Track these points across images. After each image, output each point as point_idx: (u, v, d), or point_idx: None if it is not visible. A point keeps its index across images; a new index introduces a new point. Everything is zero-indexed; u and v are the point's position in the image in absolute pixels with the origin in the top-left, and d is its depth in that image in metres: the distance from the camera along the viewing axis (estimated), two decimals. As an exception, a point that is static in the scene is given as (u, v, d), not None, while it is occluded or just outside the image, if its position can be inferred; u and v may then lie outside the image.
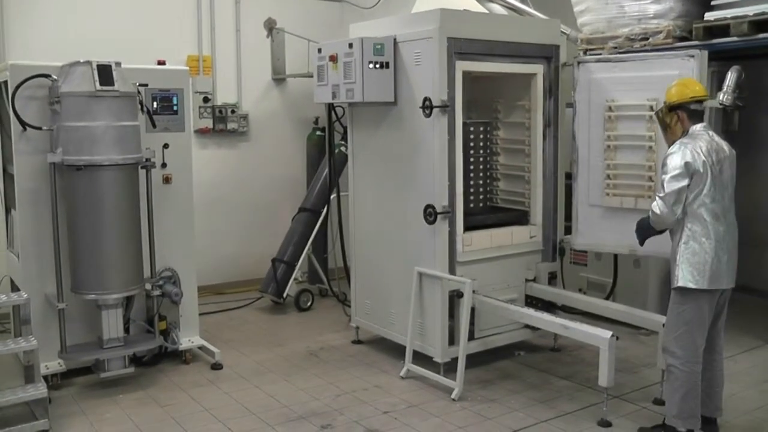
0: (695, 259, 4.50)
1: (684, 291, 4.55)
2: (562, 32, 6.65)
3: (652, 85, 5.59)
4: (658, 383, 5.38)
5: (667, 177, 4.50)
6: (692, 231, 4.52)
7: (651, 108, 5.61)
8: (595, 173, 6.05)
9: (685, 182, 4.46)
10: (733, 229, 4.65)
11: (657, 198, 4.56)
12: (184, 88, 6.30)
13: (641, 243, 4.89)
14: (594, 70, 6.04)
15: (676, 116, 4.70)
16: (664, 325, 4.88)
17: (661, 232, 4.75)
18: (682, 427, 4.61)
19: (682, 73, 5.46)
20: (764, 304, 7.74)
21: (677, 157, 4.49)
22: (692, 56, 5.58)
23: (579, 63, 6.13)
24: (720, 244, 4.53)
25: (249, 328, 7.46)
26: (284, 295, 7.92)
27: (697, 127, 4.65)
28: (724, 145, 4.67)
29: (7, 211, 6.40)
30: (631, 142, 5.85)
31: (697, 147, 4.51)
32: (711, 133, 4.70)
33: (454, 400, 5.45)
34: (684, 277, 4.52)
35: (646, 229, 4.80)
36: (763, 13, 6.03)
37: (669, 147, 4.65)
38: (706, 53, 5.66)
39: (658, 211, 4.53)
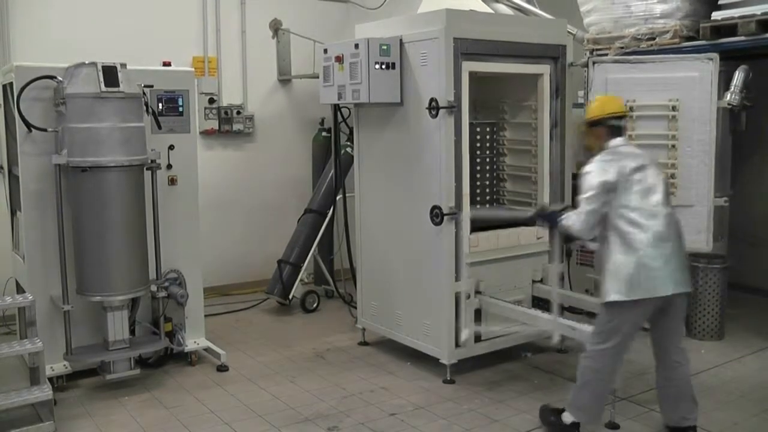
0: (622, 271, 4.42)
1: (611, 304, 4.49)
2: (568, 32, 6.63)
3: (673, 86, 5.76)
4: (666, 385, 5.35)
5: (583, 198, 4.53)
6: (614, 243, 4.48)
7: (673, 108, 5.73)
8: None
9: (599, 203, 4.48)
10: (668, 234, 4.46)
11: (574, 214, 4.58)
12: (189, 89, 6.29)
13: (552, 227, 4.94)
14: (611, 70, 6.02)
15: (596, 132, 4.75)
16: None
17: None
18: (572, 416, 4.68)
19: (702, 75, 5.69)
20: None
21: (593, 176, 4.53)
22: (711, 59, 5.71)
23: (594, 63, 6.10)
24: (646, 252, 4.40)
25: (255, 329, 7.44)
26: (290, 296, 7.90)
27: (617, 141, 4.69)
28: (645, 154, 4.69)
29: (13, 212, 6.39)
30: (652, 141, 5.83)
31: (614, 161, 4.54)
32: (630, 146, 4.76)
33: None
34: (613, 290, 4.45)
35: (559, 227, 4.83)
36: (770, 13, 6.01)
37: (587, 162, 4.67)
38: (717, 56, 5.71)
39: (575, 228, 4.55)
